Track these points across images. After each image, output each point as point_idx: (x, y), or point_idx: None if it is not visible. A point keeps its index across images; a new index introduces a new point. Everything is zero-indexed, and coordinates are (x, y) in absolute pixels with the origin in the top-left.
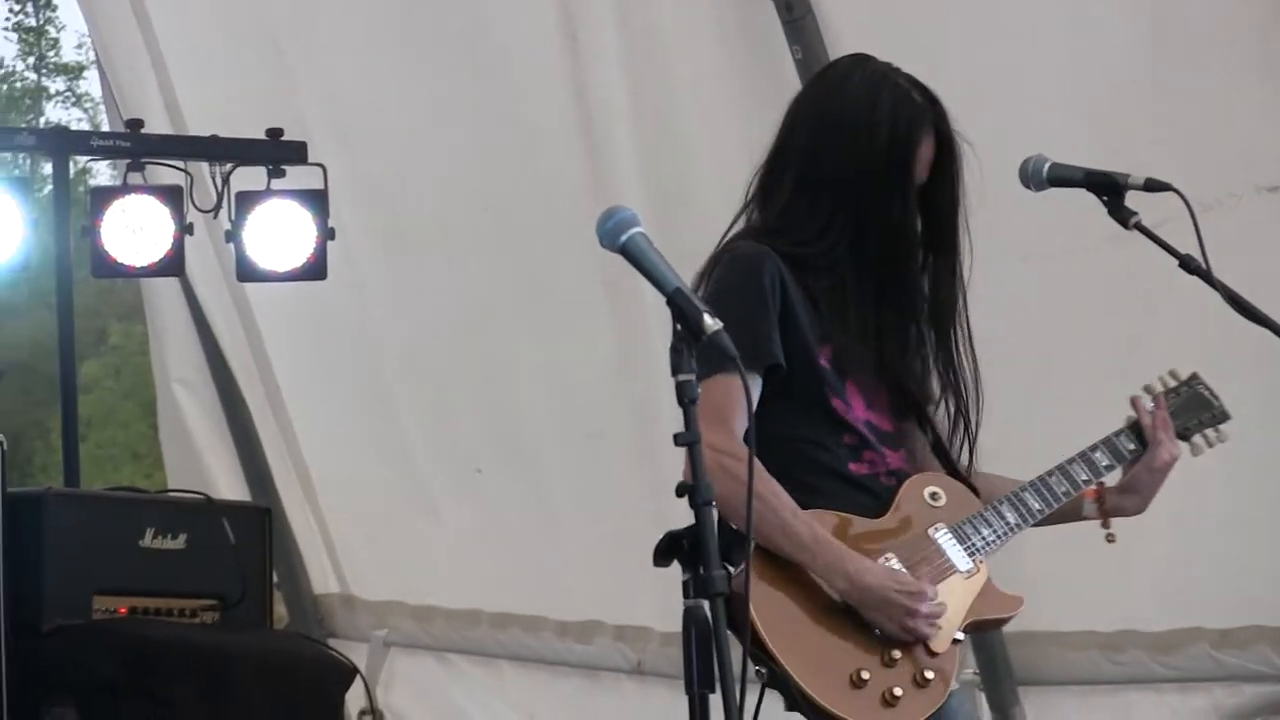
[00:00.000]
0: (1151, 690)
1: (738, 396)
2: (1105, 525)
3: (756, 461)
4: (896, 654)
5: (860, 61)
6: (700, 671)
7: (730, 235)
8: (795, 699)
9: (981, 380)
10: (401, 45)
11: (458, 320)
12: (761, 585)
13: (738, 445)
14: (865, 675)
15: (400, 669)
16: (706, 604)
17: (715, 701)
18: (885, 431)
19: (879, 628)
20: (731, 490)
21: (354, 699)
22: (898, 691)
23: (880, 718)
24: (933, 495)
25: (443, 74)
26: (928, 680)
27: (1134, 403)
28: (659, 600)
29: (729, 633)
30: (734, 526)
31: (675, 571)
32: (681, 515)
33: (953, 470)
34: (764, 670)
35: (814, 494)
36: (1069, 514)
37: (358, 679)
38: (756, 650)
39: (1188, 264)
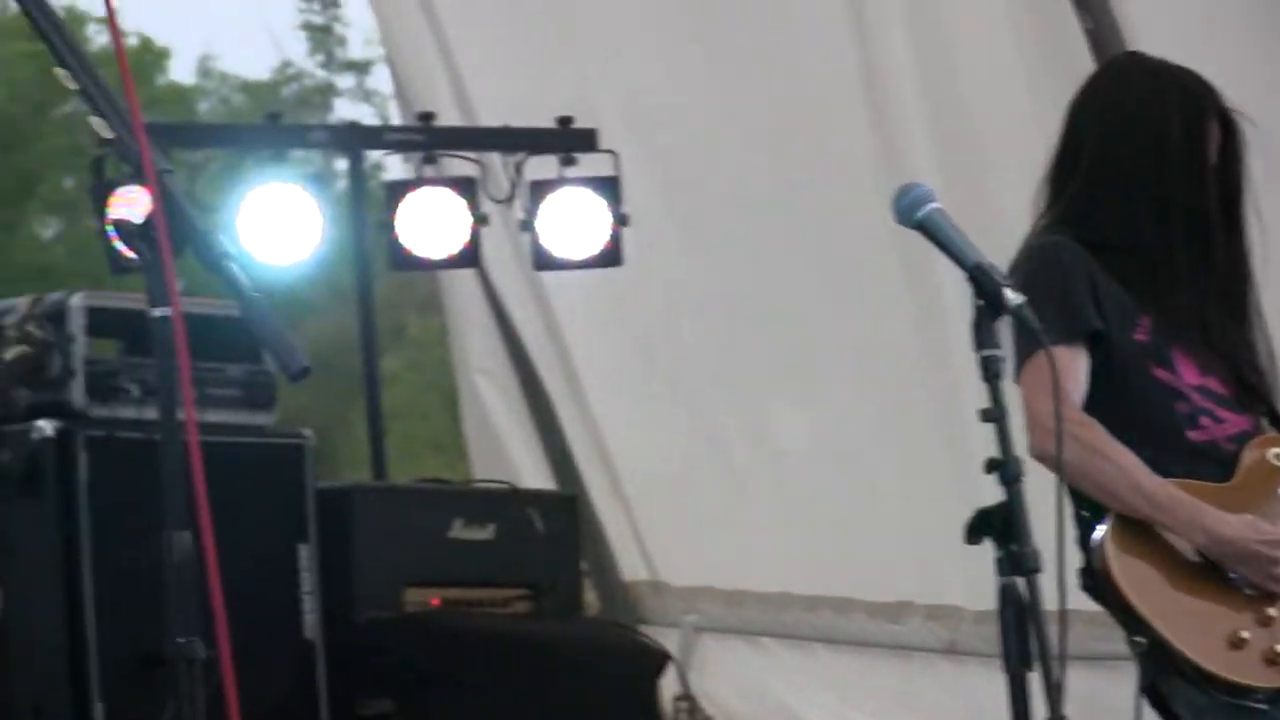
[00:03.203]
0: None
1: (1066, 367)
2: None
3: (1099, 425)
4: (1271, 611)
5: (1136, 58)
6: (1018, 649)
7: (1028, 235)
8: (1177, 667)
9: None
10: (689, 28)
11: (755, 302)
12: (1121, 554)
13: (1080, 413)
14: (1244, 635)
15: (711, 654)
16: (1022, 580)
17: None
18: (1222, 396)
19: (1244, 583)
20: (1081, 457)
21: (667, 685)
22: (1279, 649)
23: (1267, 677)
24: (1278, 456)
25: (731, 56)
26: None
27: None
28: (969, 578)
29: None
30: (1085, 493)
31: (985, 549)
32: (990, 492)
33: None
34: (1142, 640)
35: (1152, 465)
36: None
37: (670, 665)
38: (1129, 619)
39: None
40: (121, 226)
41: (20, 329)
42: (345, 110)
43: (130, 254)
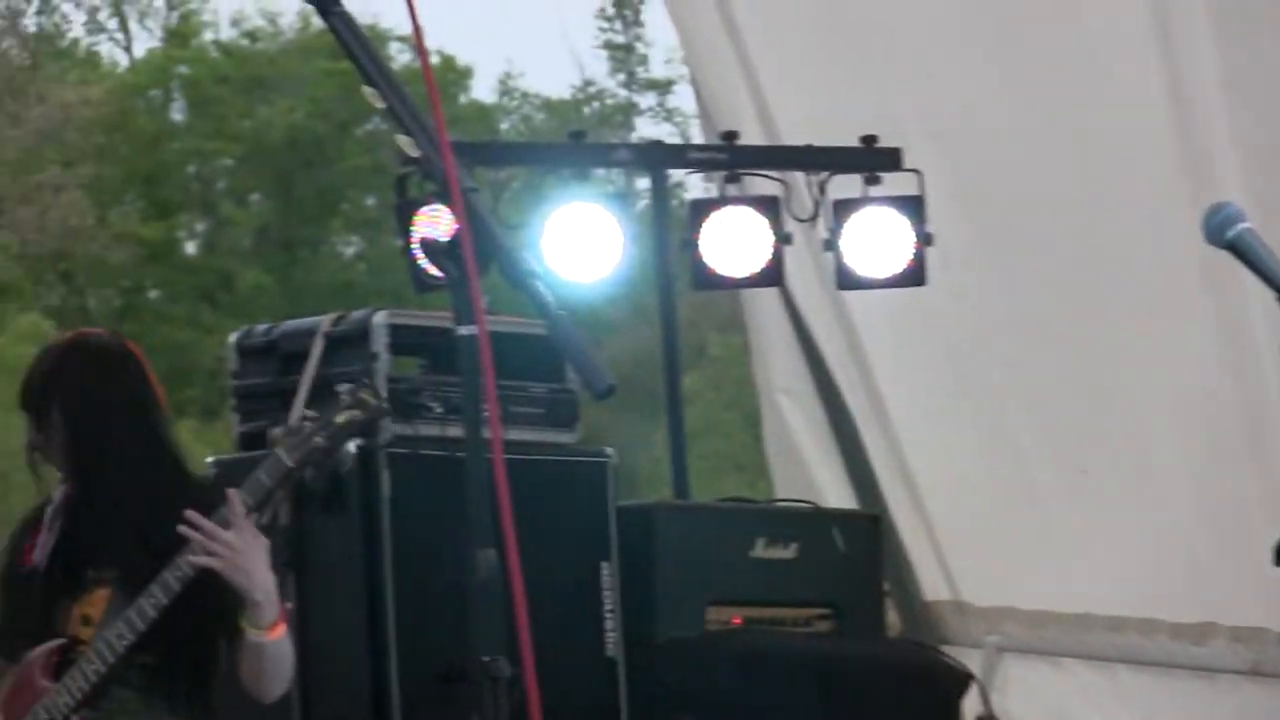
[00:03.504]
0: None
1: None
2: None
3: None
4: None
5: None
6: None
7: None
8: None
9: None
10: (991, 46)
11: (1058, 321)
12: None
13: None
14: None
15: (1014, 674)
16: None
17: None
18: None
19: None
20: None
21: (970, 706)
22: None
23: None
24: None
25: (1033, 74)
26: None
27: None
28: (1275, 600)
29: None
30: None
31: None
32: None
33: None
34: None
35: None
36: None
37: (973, 685)
38: None
39: None
40: (427, 245)
41: (354, 395)
42: (646, 129)
43: (435, 272)
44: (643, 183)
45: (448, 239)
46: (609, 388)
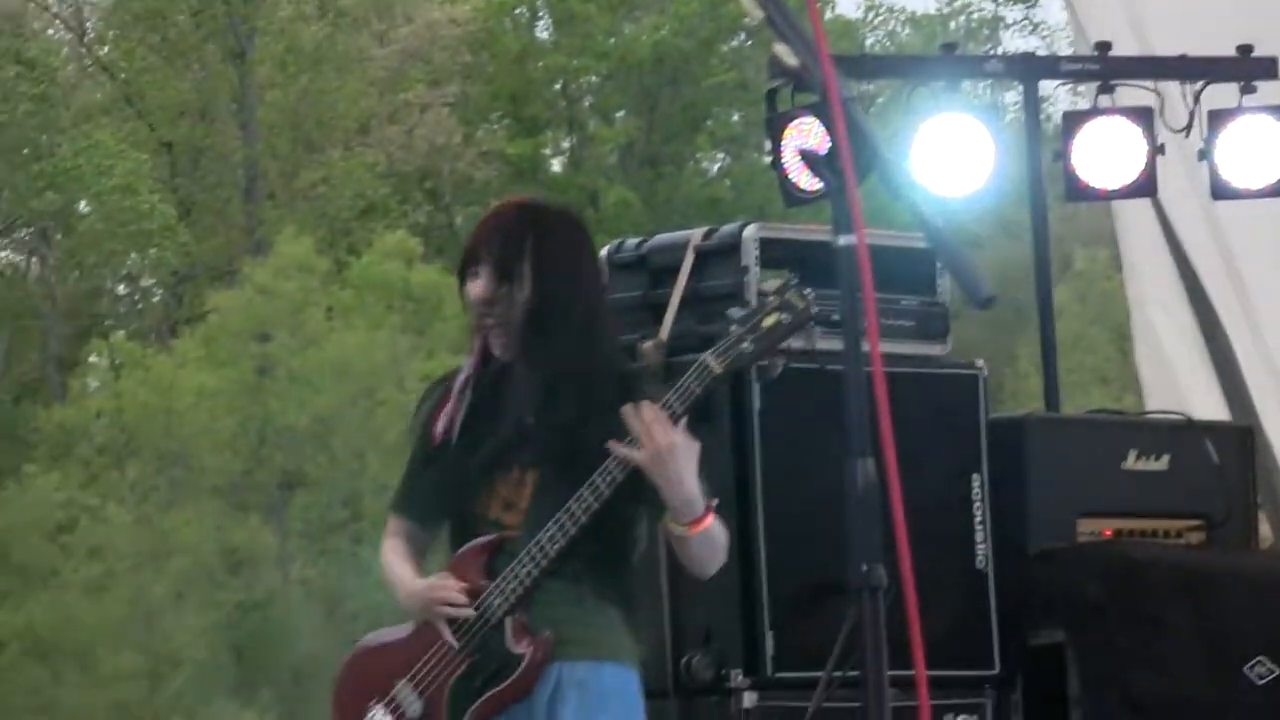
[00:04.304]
0: None
1: None
2: None
3: None
4: None
5: None
6: None
7: None
8: None
9: None
10: None
11: None
12: None
13: None
14: None
15: None
16: None
17: None
18: None
19: None
20: None
21: None
22: None
23: None
24: None
25: None
26: None
27: None
28: None
29: None
30: None
31: None
32: None
33: None
34: None
35: None
36: None
37: None
38: None
39: None
40: (807, 154)
41: (782, 297)
42: (1011, 43)
43: (804, 185)
44: (1009, 96)
45: (827, 148)
46: (990, 298)
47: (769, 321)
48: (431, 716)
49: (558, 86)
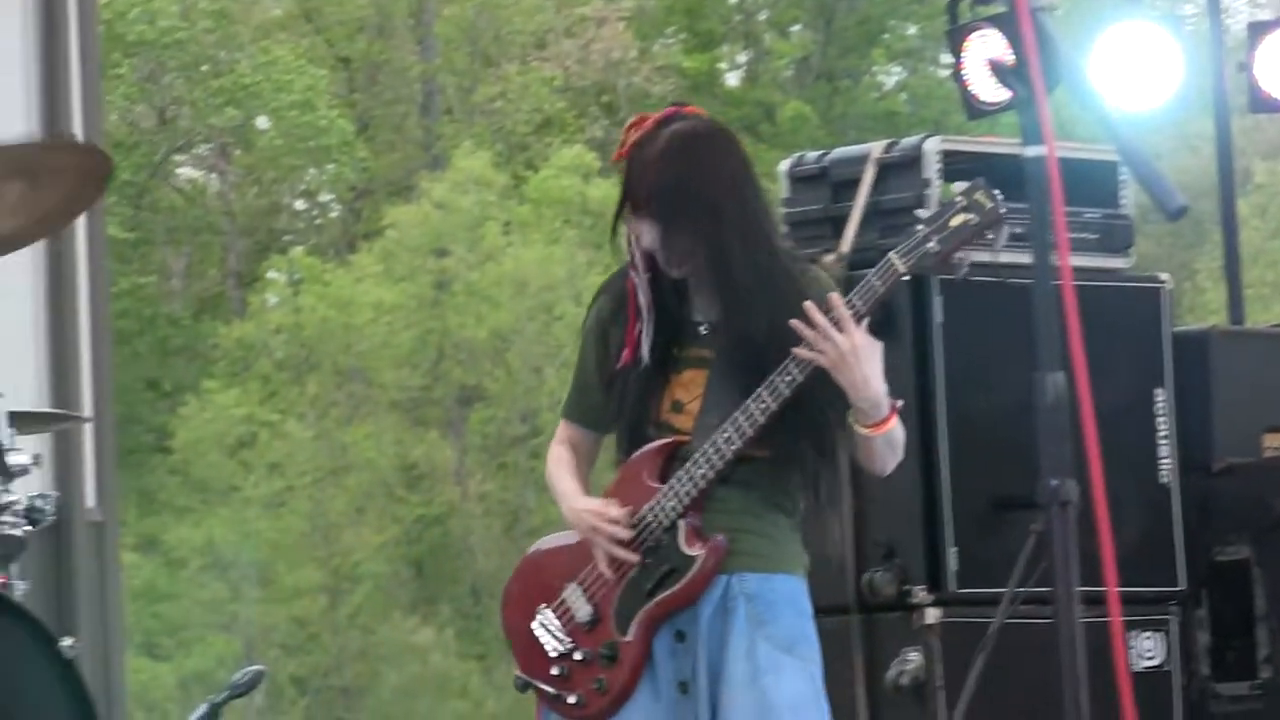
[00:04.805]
0: None
1: None
2: None
3: None
4: None
5: None
6: None
7: None
8: None
9: None
10: None
11: None
12: None
13: None
14: None
15: None
16: None
17: None
18: None
19: None
20: None
21: None
22: None
23: None
24: None
25: None
26: None
27: None
28: None
29: None
30: None
31: None
32: None
33: None
34: None
35: None
36: None
37: None
38: None
39: None
40: (996, 65)
41: (970, 197)
42: None
43: (990, 98)
44: (1188, 8)
45: (1015, 59)
46: (1182, 207)
47: (956, 221)
48: (600, 620)
49: (734, 0)
